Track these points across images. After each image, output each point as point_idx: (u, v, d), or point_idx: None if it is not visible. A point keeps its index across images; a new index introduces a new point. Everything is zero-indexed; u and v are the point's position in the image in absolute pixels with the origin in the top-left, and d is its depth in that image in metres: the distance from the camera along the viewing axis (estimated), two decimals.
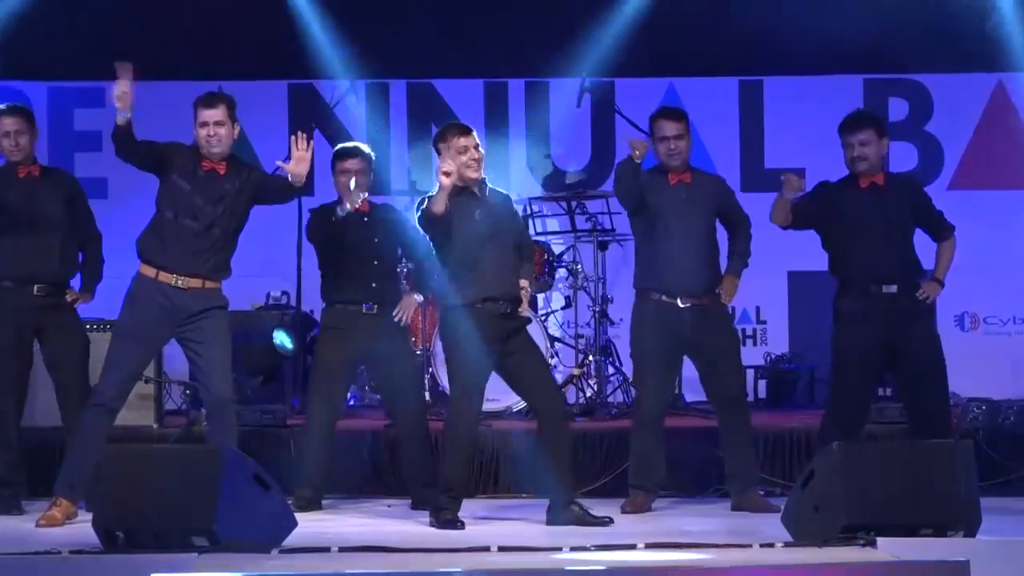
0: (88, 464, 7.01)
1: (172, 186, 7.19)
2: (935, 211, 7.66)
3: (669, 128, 7.62)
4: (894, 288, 7.43)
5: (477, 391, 7.17)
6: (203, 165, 7.21)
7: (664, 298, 7.57)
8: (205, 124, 7.18)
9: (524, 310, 7.33)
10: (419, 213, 7.16)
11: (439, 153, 7.21)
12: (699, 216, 7.61)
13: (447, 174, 6.97)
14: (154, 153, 7.18)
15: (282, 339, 9.17)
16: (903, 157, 10.65)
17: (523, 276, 7.37)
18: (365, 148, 8.01)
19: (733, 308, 7.94)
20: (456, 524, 7.05)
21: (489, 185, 7.33)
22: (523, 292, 7.29)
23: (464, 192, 7.18)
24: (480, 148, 7.22)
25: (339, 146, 8.12)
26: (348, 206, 7.46)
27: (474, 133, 7.23)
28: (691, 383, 8.41)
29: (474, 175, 7.18)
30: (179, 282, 7.14)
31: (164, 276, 7.13)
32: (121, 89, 6.84)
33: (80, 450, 7.13)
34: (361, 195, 7.50)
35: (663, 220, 7.56)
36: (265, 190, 7.35)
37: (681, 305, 7.54)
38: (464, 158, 7.15)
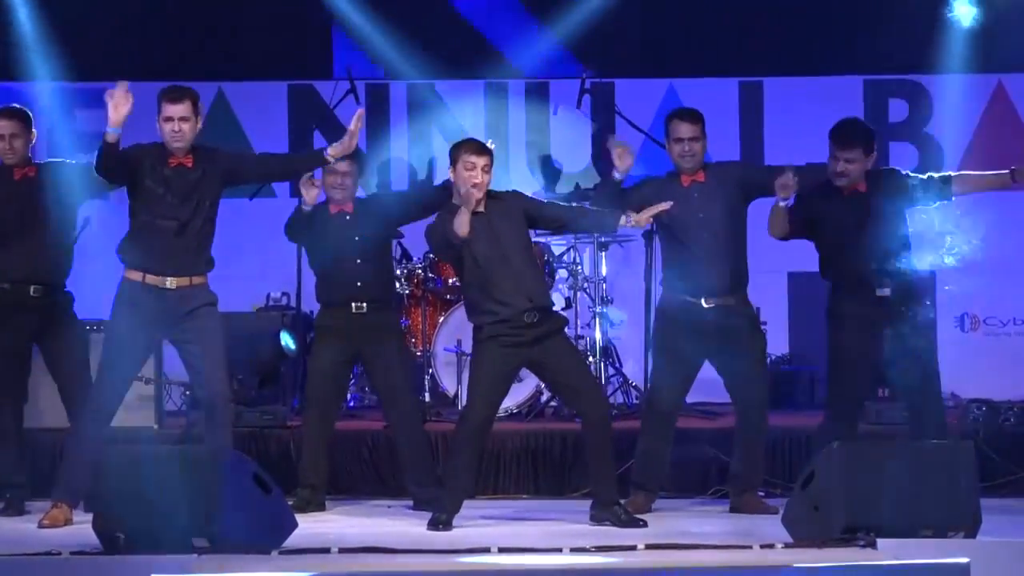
0: (86, 468, 6.98)
1: (144, 190, 7.13)
2: (927, 177, 7.39)
3: (685, 130, 7.48)
4: (887, 291, 7.32)
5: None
6: (169, 162, 7.15)
7: (688, 297, 7.49)
8: (170, 119, 7.11)
9: None
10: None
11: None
12: (718, 213, 7.46)
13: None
14: (127, 163, 7.11)
15: (287, 340, 9.15)
16: (903, 158, 10.62)
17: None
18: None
19: (758, 308, 7.87)
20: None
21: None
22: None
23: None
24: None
25: None
26: (308, 201, 7.54)
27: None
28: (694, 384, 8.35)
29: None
30: (167, 283, 7.11)
31: (151, 279, 7.11)
32: (119, 108, 6.86)
33: (78, 455, 7.11)
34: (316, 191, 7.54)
35: (681, 224, 7.43)
36: (243, 168, 7.39)
37: (706, 305, 7.47)
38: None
